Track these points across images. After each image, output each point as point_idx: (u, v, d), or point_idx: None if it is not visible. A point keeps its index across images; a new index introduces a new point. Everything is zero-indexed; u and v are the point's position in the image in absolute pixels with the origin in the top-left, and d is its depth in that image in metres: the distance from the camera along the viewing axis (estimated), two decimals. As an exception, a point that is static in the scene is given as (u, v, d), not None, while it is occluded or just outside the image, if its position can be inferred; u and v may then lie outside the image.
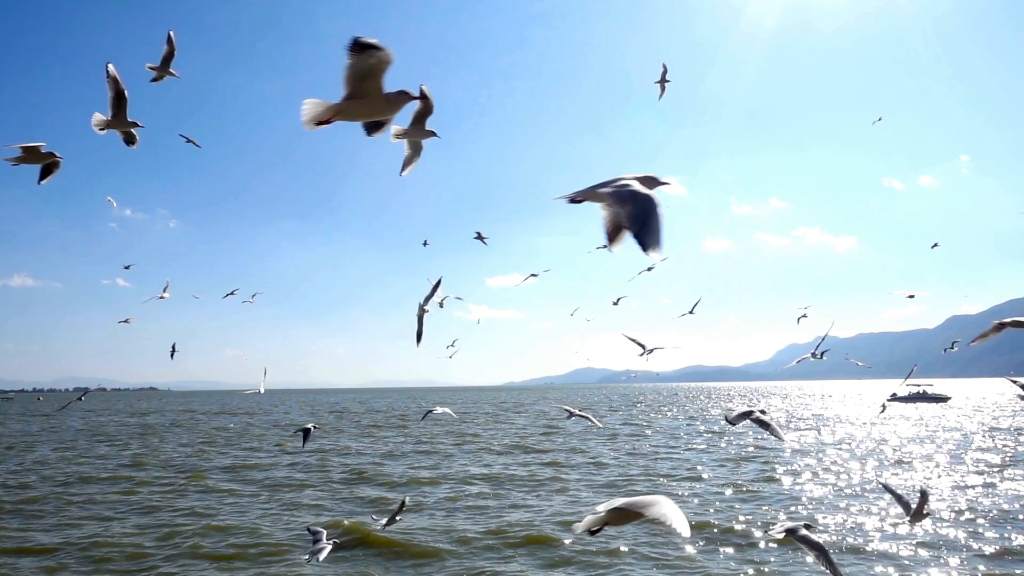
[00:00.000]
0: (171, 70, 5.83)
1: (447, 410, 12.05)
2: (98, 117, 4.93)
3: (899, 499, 6.81)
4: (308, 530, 7.64)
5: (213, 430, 39.97)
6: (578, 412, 9.74)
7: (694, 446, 27.26)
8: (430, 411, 12.06)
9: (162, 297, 13.78)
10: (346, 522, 13.49)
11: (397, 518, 8.43)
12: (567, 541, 11.82)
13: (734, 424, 6.43)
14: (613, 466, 21.25)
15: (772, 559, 10.86)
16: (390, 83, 2.87)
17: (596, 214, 2.29)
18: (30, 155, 4.61)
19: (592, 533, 3.31)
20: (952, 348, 14.44)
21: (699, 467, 20.79)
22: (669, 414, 52.03)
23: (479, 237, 11.48)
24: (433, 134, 4.56)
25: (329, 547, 6.95)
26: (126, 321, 13.65)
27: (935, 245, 16.05)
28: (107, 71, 4.70)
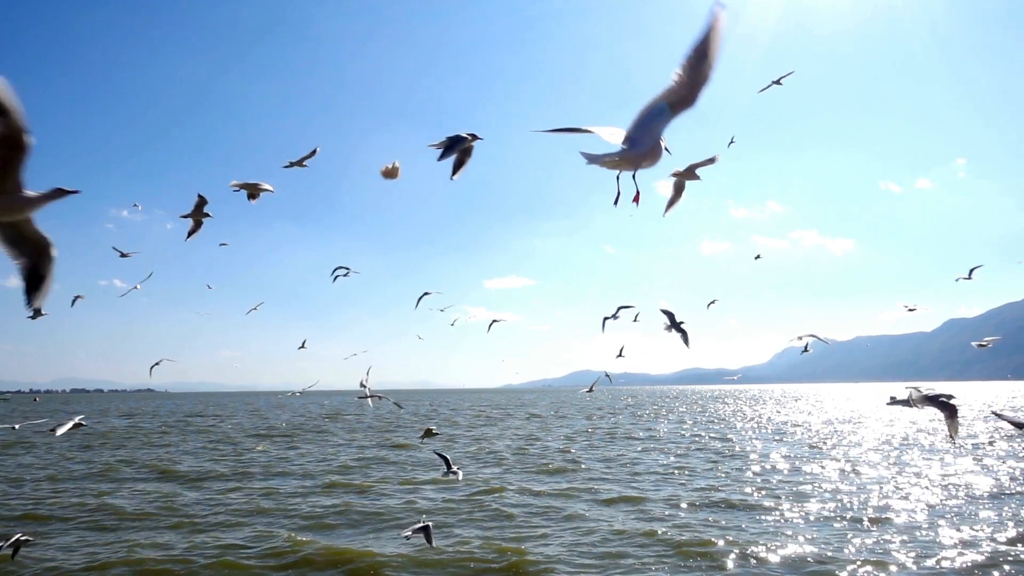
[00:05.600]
0: (304, 162, 6.68)
1: (310, 387, 15.66)
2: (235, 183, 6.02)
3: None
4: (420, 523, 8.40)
5: (201, 433, 39.35)
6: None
7: (685, 450, 26.76)
8: (306, 388, 15.22)
9: (136, 288, 14.01)
10: (288, 535, 12.91)
11: (452, 469, 9.88)
12: (549, 558, 11.26)
13: (916, 404, 6.42)
14: (607, 475, 20.71)
15: None
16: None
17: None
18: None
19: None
20: (807, 351, 14.00)
21: (691, 468, 20.28)
22: (667, 417, 51.50)
23: (119, 251, 11.02)
24: (698, 176, 5.06)
25: (429, 524, 7.98)
26: None
27: (712, 302, 14.64)
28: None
